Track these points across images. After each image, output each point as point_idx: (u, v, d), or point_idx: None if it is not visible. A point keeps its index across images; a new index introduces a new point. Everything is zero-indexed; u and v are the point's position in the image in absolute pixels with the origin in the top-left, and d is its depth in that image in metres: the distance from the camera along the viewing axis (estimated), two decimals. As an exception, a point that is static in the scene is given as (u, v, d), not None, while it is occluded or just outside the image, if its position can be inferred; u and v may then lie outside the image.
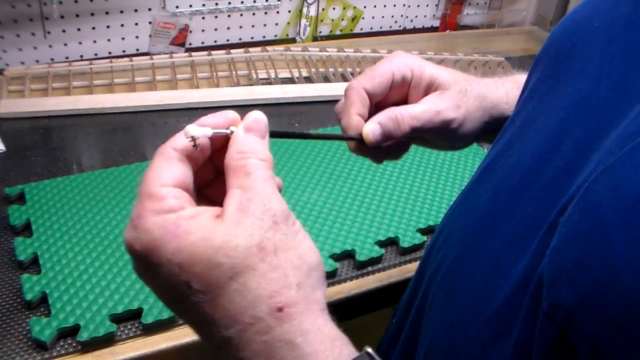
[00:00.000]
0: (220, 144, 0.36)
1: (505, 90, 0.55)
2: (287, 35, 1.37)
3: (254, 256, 0.31)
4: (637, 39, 0.38)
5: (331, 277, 0.71)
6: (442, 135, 0.53)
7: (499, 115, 0.54)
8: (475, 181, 0.50)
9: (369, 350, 0.32)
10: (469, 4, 1.53)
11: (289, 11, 1.35)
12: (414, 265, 0.74)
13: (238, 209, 0.32)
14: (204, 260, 0.30)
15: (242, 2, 1.28)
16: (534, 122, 0.44)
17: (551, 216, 0.36)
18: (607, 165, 0.32)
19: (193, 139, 0.33)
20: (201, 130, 0.34)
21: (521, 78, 0.54)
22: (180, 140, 0.34)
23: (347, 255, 0.74)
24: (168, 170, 0.33)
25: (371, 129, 0.49)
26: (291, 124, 1.03)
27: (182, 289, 0.30)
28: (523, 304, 0.36)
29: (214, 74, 1.11)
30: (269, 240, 0.32)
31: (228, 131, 0.35)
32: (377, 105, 0.52)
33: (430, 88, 0.52)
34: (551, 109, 0.43)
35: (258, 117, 0.36)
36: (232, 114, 0.37)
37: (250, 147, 0.34)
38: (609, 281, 0.29)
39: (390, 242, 0.77)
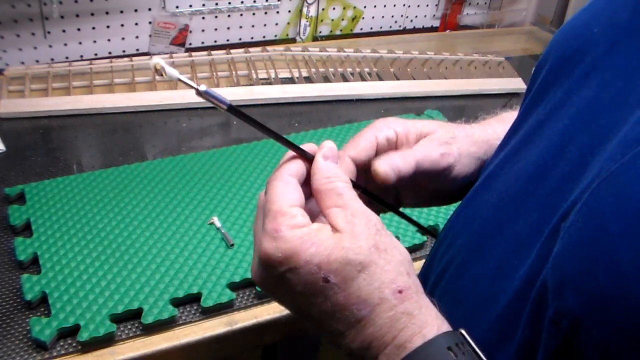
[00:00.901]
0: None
1: (492, 128, 0.56)
2: (287, 35, 1.37)
3: (373, 254, 0.38)
4: (638, 45, 0.39)
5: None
6: (441, 177, 0.52)
7: (492, 151, 0.54)
8: (479, 187, 0.50)
9: (462, 331, 0.37)
10: (469, 4, 1.53)
11: (289, 11, 1.35)
12: (416, 265, 0.74)
13: (347, 222, 0.39)
14: (339, 259, 0.37)
15: (242, 2, 1.28)
16: (539, 129, 0.45)
17: (553, 221, 0.37)
18: (610, 172, 0.33)
19: (157, 69, 0.37)
20: (170, 69, 0.38)
21: (507, 115, 0.56)
22: (292, 168, 0.42)
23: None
24: (292, 193, 0.40)
25: (381, 165, 0.48)
26: (291, 124, 1.03)
27: (320, 284, 0.37)
28: (525, 309, 0.37)
29: (214, 74, 1.11)
30: (380, 242, 0.39)
31: (194, 85, 0.38)
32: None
33: (418, 139, 0.52)
34: (555, 116, 0.43)
35: (332, 146, 0.43)
36: (311, 145, 0.43)
37: (333, 172, 0.41)
38: (616, 288, 0.29)
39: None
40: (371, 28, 1.46)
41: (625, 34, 0.40)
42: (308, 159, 0.43)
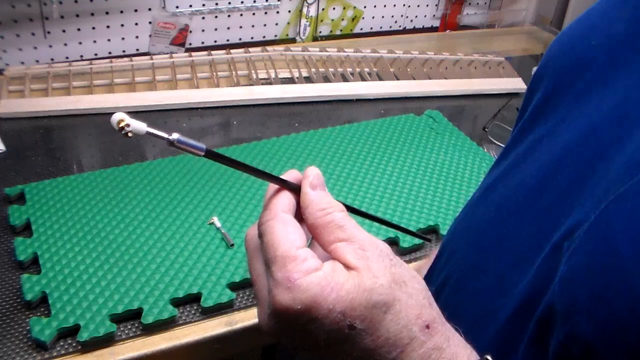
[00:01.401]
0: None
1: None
2: (287, 35, 1.37)
3: (395, 290, 0.36)
4: (635, 57, 0.38)
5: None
6: None
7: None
8: (478, 199, 0.50)
9: (489, 357, 0.36)
10: (469, 4, 1.53)
11: (289, 11, 1.35)
12: (414, 265, 0.74)
13: (359, 258, 0.36)
14: (363, 302, 0.34)
15: (242, 2, 1.28)
16: (539, 144, 0.44)
17: (554, 238, 0.36)
18: (619, 193, 0.32)
19: (122, 127, 0.33)
20: (135, 122, 0.34)
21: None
22: (284, 203, 0.38)
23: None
24: (294, 234, 0.36)
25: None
26: (291, 124, 1.03)
27: (345, 332, 0.34)
28: (526, 328, 0.36)
29: (214, 74, 1.11)
30: (397, 275, 0.36)
31: (165, 135, 0.34)
32: None
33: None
34: (556, 131, 0.43)
35: (317, 173, 0.39)
36: (293, 172, 0.40)
37: (326, 203, 0.38)
38: (629, 315, 0.29)
39: (389, 242, 0.77)
40: (371, 28, 1.46)
41: (623, 47, 0.40)
42: (294, 190, 0.39)
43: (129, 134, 0.34)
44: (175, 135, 0.34)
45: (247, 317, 0.66)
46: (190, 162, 0.88)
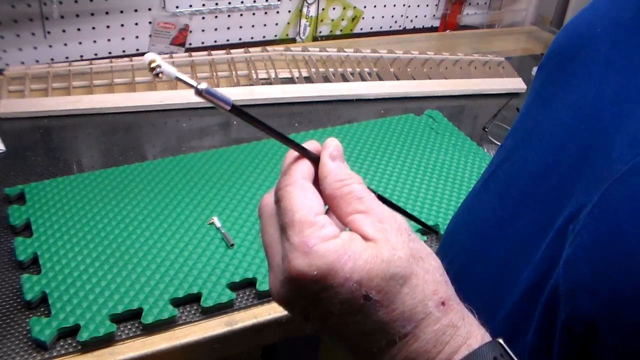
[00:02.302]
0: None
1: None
2: (287, 35, 1.37)
3: (413, 264, 0.35)
4: (639, 42, 0.38)
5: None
6: None
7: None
8: (479, 189, 0.50)
9: (501, 340, 0.35)
10: (469, 4, 1.53)
11: (289, 11, 1.35)
12: None
13: (377, 230, 0.35)
14: (380, 273, 0.33)
15: (242, 2, 1.28)
16: (538, 128, 0.44)
17: (558, 222, 0.36)
18: (621, 173, 0.32)
19: (153, 68, 0.33)
20: (166, 65, 0.34)
21: None
22: (304, 170, 0.37)
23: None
24: (313, 200, 0.35)
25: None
26: (291, 124, 1.03)
27: (360, 302, 0.34)
28: (534, 312, 0.36)
29: (214, 74, 1.11)
30: (415, 250, 0.36)
31: (194, 83, 0.33)
32: None
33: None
34: (556, 114, 0.43)
35: (337, 144, 0.39)
36: (313, 143, 0.39)
37: (345, 174, 0.37)
38: (632, 290, 0.29)
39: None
40: (371, 28, 1.46)
41: (627, 32, 0.40)
42: (313, 160, 0.38)
43: (160, 75, 0.33)
44: (203, 85, 0.33)
45: (247, 317, 0.66)
46: (190, 162, 0.88)
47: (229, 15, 1.29)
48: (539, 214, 0.39)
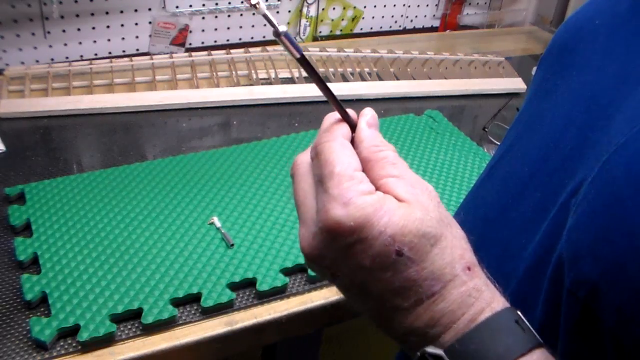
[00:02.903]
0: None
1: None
2: (287, 35, 1.37)
3: (443, 227, 0.36)
4: (636, 29, 0.40)
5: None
6: None
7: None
8: (484, 178, 0.52)
9: (519, 312, 0.36)
10: (469, 4, 1.53)
11: (289, 11, 1.35)
12: None
13: (410, 193, 0.36)
14: (413, 230, 0.34)
15: (242, 2, 1.28)
16: (540, 118, 0.46)
17: (560, 198, 0.37)
18: (619, 144, 0.34)
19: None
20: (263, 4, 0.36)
21: None
22: (344, 131, 0.39)
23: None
24: (352, 158, 0.37)
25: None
26: (291, 124, 1.03)
27: (392, 258, 0.34)
28: (541, 287, 0.37)
29: (214, 74, 1.11)
30: (444, 215, 0.37)
31: (276, 24, 0.37)
32: None
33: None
34: (556, 103, 0.44)
35: (374, 113, 0.41)
36: (351, 111, 0.41)
37: (380, 141, 0.39)
38: (631, 251, 0.30)
39: None
40: (371, 28, 1.46)
41: (623, 21, 0.41)
42: (351, 125, 0.40)
43: (256, 4, 0.36)
44: (283, 28, 0.36)
45: (247, 317, 0.66)
46: (190, 162, 0.88)
47: (229, 15, 1.29)
48: (540, 195, 0.41)
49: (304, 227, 0.37)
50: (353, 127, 0.40)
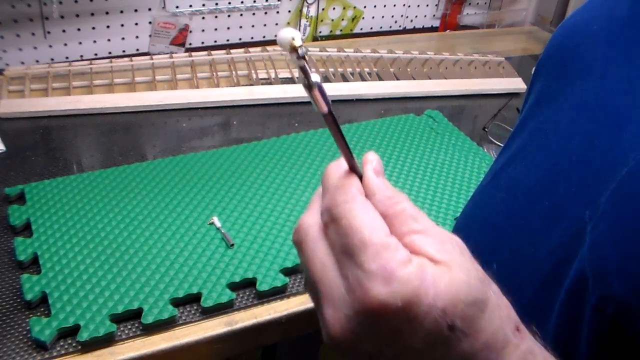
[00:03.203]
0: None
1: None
2: (287, 35, 1.37)
3: (486, 287, 0.32)
4: (635, 36, 0.40)
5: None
6: None
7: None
8: (486, 186, 0.51)
9: None
10: (469, 4, 1.53)
11: (289, 11, 1.35)
12: None
13: (443, 252, 0.32)
14: (463, 299, 0.30)
15: (242, 2, 1.28)
16: (544, 125, 0.45)
17: (571, 208, 0.37)
18: (639, 159, 0.33)
19: (295, 48, 0.29)
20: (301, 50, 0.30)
21: None
22: (358, 184, 0.33)
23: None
24: (379, 219, 0.32)
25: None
26: (291, 124, 1.03)
27: (444, 334, 0.30)
28: (556, 298, 0.36)
29: (214, 74, 1.11)
30: (480, 270, 0.33)
31: (310, 74, 0.30)
32: None
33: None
34: (560, 110, 0.44)
35: (378, 158, 0.35)
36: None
37: (393, 192, 0.34)
38: None
39: None
40: (371, 28, 1.46)
41: (625, 27, 0.41)
42: (357, 173, 0.35)
43: (298, 56, 0.29)
44: (316, 77, 0.30)
45: (247, 317, 0.66)
46: (190, 162, 0.88)
47: (229, 15, 1.29)
48: (549, 203, 0.40)
49: (331, 308, 0.31)
50: (359, 175, 0.35)
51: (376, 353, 0.31)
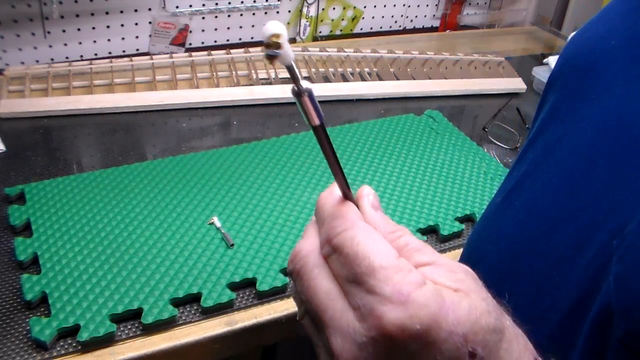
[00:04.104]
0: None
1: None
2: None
3: (502, 316, 0.31)
4: None
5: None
6: None
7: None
8: (501, 204, 0.49)
9: None
10: (469, 4, 1.53)
11: (289, 11, 1.35)
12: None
13: (456, 280, 0.31)
14: (484, 326, 0.29)
15: (242, 2, 1.28)
16: (560, 143, 0.44)
17: (597, 237, 0.36)
18: None
19: (271, 44, 0.26)
20: (288, 49, 0.27)
21: None
22: (357, 212, 0.33)
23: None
24: (384, 242, 0.31)
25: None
26: (291, 124, 1.03)
27: None
28: (581, 329, 0.35)
29: (214, 74, 1.11)
30: (492, 299, 0.32)
31: (300, 81, 0.27)
32: None
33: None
34: (577, 129, 0.42)
35: (375, 193, 0.35)
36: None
37: (394, 226, 0.33)
38: None
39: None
40: (371, 28, 1.46)
41: None
42: (352, 200, 0.34)
43: (274, 58, 0.27)
44: (307, 85, 0.27)
45: (247, 317, 0.66)
46: (190, 162, 0.88)
47: (229, 15, 1.29)
48: (572, 230, 0.38)
49: (340, 337, 0.29)
50: (353, 201, 0.34)
51: None
